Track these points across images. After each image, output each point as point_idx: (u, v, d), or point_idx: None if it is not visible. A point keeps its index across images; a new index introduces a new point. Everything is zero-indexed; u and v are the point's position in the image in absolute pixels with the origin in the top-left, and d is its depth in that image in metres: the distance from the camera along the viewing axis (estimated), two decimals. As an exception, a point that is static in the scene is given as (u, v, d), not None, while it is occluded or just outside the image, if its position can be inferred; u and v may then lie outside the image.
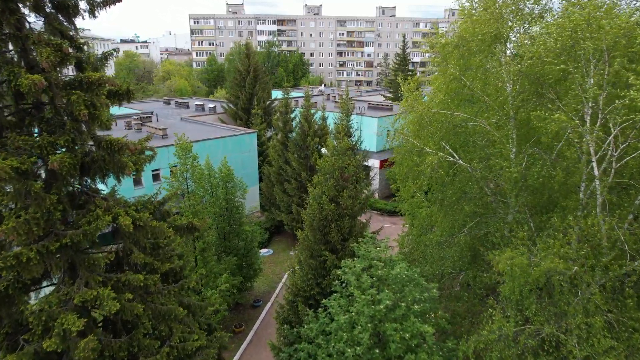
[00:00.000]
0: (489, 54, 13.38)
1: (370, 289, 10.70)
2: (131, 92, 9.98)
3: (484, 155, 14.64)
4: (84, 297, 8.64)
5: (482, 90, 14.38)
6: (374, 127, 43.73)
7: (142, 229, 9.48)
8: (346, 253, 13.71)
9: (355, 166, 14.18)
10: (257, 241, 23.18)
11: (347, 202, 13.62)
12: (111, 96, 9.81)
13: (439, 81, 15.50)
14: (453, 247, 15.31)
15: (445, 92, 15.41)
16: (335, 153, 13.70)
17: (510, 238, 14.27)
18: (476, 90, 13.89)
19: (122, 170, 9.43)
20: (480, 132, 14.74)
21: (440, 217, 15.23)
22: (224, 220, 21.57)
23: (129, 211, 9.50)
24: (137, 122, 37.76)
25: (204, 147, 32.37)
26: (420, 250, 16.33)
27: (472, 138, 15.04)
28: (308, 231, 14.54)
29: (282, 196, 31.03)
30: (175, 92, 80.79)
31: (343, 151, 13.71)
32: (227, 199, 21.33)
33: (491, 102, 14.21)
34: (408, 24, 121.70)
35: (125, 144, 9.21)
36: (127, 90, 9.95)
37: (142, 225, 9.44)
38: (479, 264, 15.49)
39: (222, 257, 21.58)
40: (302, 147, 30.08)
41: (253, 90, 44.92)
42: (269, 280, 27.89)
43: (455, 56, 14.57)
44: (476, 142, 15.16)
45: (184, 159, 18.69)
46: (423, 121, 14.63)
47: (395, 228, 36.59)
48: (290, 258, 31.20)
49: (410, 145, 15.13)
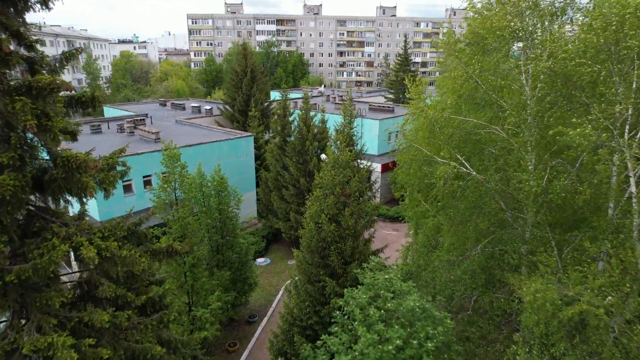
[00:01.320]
0: (506, 53, 11.94)
1: (377, 323, 9.28)
2: (97, 99, 8.54)
3: (499, 165, 13.19)
4: (35, 346, 7.20)
5: (497, 94, 12.94)
6: (375, 130, 42.30)
7: (109, 260, 8.04)
8: (348, 278, 12.27)
9: (359, 180, 12.72)
10: (252, 254, 21.74)
11: (349, 221, 12.17)
12: (72, 104, 8.36)
13: (448, 83, 14.05)
14: (465, 267, 13.86)
15: (457, 95, 13.97)
16: (336, 166, 12.22)
17: (528, 257, 12.86)
18: (491, 94, 12.45)
19: (83, 191, 7.99)
20: (495, 140, 13.30)
21: (450, 233, 13.78)
22: (217, 232, 20.12)
23: (94, 239, 8.06)
24: (130, 125, 36.32)
25: (197, 152, 30.94)
26: (429, 271, 14.88)
27: (486, 146, 13.59)
28: (305, 253, 13.08)
29: (280, 203, 29.59)
30: (172, 93, 79.32)
31: (345, 164, 12.25)
32: (220, 209, 19.89)
33: (507, 106, 12.78)
34: (409, 24, 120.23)
35: (84, 162, 7.75)
36: (92, 97, 8.51)
37: (110, 255, 8.00)
38: (494, 286, 14.05)
39: (215, 272, 20.13)
40: (300, 152, 28.64)
41: (250, 92, 43.47)
42: (266, 293, 26.44)
43: (468, 55, 13.13)
44: (490, 151, 13.72)
45: (172, 167, 17.25)
46: (434, 127, 13.18)
47: (398, 235, 35.15)
48: (289, 268, 29.78)
49: (419, 154, 13.65)
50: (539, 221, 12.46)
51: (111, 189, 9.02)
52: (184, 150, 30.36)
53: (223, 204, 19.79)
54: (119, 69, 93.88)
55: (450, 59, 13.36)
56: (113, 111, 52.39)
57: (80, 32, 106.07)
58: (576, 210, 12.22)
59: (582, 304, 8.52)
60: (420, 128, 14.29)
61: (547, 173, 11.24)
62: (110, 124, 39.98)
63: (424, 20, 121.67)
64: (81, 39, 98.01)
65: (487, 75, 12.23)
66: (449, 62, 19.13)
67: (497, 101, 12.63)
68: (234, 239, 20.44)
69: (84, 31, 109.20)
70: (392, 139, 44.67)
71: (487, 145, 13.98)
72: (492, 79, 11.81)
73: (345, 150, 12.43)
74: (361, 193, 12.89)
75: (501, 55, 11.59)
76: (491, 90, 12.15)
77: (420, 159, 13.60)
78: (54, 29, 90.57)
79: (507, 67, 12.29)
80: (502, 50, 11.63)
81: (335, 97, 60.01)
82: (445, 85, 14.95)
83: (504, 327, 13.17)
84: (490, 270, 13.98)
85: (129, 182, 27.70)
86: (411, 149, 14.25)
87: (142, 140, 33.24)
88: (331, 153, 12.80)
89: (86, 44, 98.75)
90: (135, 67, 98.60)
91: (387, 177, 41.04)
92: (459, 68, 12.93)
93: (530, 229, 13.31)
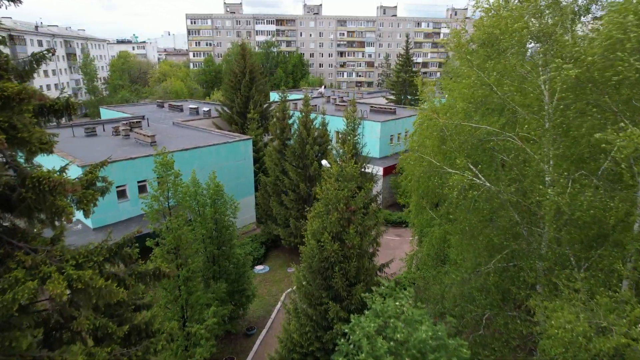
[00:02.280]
0: (523, 56, 10.99)
1: (386, 356, 8.34)
2: (72, 106, 7.57)
3: (513, 175, 12.23)
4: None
5: (513, 98, 11.98)
6: (377, 132, 41.35)
7: (82, 292, 7.08)
8: (353, 302, 11.29)
9: (366, 194, 11.72)
10: (250, 265, 20.77)
11: (354, 240, 11.18)
12: (43, 113, 7.40)
13: (457, 87, 13.08)
14: (477, 284, 12.90)
15: (467, 100, 13.01)
16: (340, 179, 11.22)
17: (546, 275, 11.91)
18: (508, 100, 11.48)
19: (57, 215, 7.03)
20: (510, 149, 12.34)
21: (462, 247, 12.80)
22: (213, 243, 19.16)
23: (66, 268, 7.10)
24: (126, 128, 35.34)
25: (194, 156, 30.01)
26: (437, 286, 13.90)
27: (498, 155, 12.62)
28: (305, 273, 12.10)
29: (279, 209, 28.62)
30: (170, 94, 78.32)
31: (349, 177, 11.25)
32: (215, 218, 18.93)
33: (523, 113, 11.82)
34: (410, 24, 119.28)
35: (60, 184, 6.77)
36: (66, 104, 7.54)
37: (83, 287, 7.03)
38: (509, 305, 13.08)
39: (211, 283, 19.17)
40: (300, 156, 27.68)
41: (249, 93, 42.49)
42: (265, 303, 25.45)
43: (481, 57, 12.17)
44: (504, 160, 12.75)
45: (165, 175, 16.29)
46: (444, 135, 12.20)
47: (401, 241, 34.20)
48: (289, 275, 28.83)
49: (429, 165, 12.65)
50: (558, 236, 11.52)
51: (91, 208, 8.04)
52: (180, 155, 29.50)
53: (219, 213, 18.82)
54: (116, 70, 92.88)
55: (460, 62, 12.39)
56: (110, 113, 51.44)
57: (78, 32, 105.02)
58: (601, 227, 11.25)
59: (618, 336, 7.58)
60: (429, 136, 13.30)
61: (569, 186, 10.28)
62: (105, 126, 39.03)
63: (425, 20, 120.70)
64: (79, 39, 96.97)
65: (502, 80, 11.27)
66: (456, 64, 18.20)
67: (512, 107, 11.66)
68: (230, 250, 19.47)
69: (81, 31, 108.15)
70: (393, 141, 43.80)
71: (499, 153, 13.03)
72: (508, 83, 10.83)
73: (350, 162, 11.42)
74: (367, 206, 11.90)
75: (519, 59, 10.63)
76: (507, 96, 11.18)
77: (430, 170, 12.62)
78: (51, 29, 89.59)
79: (524, 71, 11.32)
80: (519, 52, 10.67)
81: (336, 98, 59.05)
82: (453, 89, 13.98)
83: (520, 351, 12.22)
84: (504, 287, 13.02)
85: (123, 187, 26.75)
86: (420, 160, 13.24)
87: (138, 143, 32.29)
88: (333, 162, 11.79)
89: (84, 44, 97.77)
90: (132, 68, 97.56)
91: (388, 180, 40.11)
92: (471, 71, 11.97)
93: (547, 244, 12.38)
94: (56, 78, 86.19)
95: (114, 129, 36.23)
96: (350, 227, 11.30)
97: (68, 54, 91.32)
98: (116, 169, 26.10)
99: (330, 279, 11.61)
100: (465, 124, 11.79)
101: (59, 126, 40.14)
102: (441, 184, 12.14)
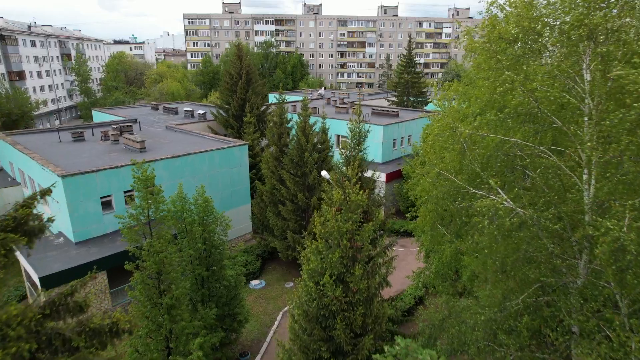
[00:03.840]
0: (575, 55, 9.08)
1: None
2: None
3: (551, 198, 10.34)
4: None
5: (548, 108, 10.11)
6: (379, 136, 39.51)
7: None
8: (359, 357, 9.38)
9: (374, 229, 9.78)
10: (242, 286, 18.88)
11: (359, 284, 9.21)
12: None
13: (483, 93, 11.18)
14: (505, 324, 11.01)
15: (492, 107, 11.14)
16: (345, 209, 9.23)
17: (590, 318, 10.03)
18: (546, 110, 9.60)
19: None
20: (546, 166, 10.45)
21: (489, 283, 10.90)
22: (201, 264, 17.28)
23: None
24: (115, 133, 33.46)
25: (185, 163, 28.15)
26: (454, 321, 12.00)
27: (532, 174, 10.74)
28: (301, 320, 10.12)
29: (276, 220, 26.73)
30: (167, 96, 76.44)
31: (354, 207, 9.27)
32: (204, 237, 17.06)
33: (562, 124, 9.96)
34: (411, 24, 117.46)
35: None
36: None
37: None
38: (541, 348, 11.20)
39: (199, 308, 17.29)
40: (298, 164, 25.81)
41: (245, 96, 40.62)
42: (260, 324, 23.57)
43: (512, 58, 10.29)
44: (535, 178, 10.86)
45: (144, 193, 14.41)
46: (467, 148, 10.28)
47: (405, 252, 32.25)
48: (286, 291, 26.98)
49: (450, 183, 10.66)
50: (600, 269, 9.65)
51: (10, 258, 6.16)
52: (170, 162, 27.63)
53: (207, 232, 16.95)
54: (111, 71, 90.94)
55: (486, 62, 10.48)
56: (102, 115, 49.60)
57: (74, 32, 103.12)
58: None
59: None
60: (448, 148, 11.27)
61: (627, 215, 8.39)
62: (95, 130, 37.18)
63: (426, 20, 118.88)
64: (74, 40, 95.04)
65: (545, 81, 9.37)
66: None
67: (550, 118, 9.79)
68: (220, 271, 17.59)
69: (77, 31, 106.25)
70: (397, 145, 41.92)
71: (529, 169, 11.14)
72: (551, 92, 8.91)
73: (356, 187, 9.43)
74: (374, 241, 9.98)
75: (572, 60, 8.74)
76: (545, 106, 9.30)
77: (452, 190, 10.66)
78: (45, 29, 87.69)
79: (567, 75, 9.44)
80: (572, 52, 8.78)
81: (336, 100, 57.19)
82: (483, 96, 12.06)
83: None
84: (535, 326, 11.13)
85: (108, 198, 24.88)
86: (438, 177, 11.25)
87: (127, 149, 30.42)
88: (335, 182, 9.80)
89: (79, 44, 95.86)
90: (127, 69, 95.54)
91: (392, 186, 38.23)
92: (499, 73, 10.09)
93: (585, 274, 10.54)
94: (50, 79, 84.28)
95: (102, 133, 34.36)
96: (356, 267, 9.32)
97: (63, 54, 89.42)
98: (101, 178, 24.27)
99: (331, 330, 9.66)
100: (493, 135, 9.89)
101: (45, 130, 38.32)
102: (465, 208, 10.21)
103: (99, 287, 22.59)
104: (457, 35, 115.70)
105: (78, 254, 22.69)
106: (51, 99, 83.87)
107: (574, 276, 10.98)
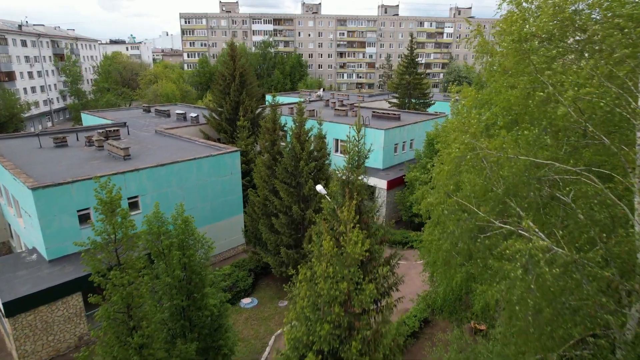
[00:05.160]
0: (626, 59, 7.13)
1: None
2: None
3: (595, 234, 8.33)
4: None
5: (594, 122, 8.11)
6: (380, 141, 37.52)
7: None
8: None
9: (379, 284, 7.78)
10: (227, 314, 16.88)
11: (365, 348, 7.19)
12: None
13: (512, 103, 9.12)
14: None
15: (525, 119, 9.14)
16: (337, 265, 7.15)
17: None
18: (590, 126, 7.61)
19: None
20: (586, 196, 8.43)
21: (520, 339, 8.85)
22: (181, 292, 15.28)
23: None
24: (100, 138, 31.41)
25: (171, 172, 26.12)
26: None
27: (568, 205, 8.72)
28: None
29: (269, 234, 24.74)
30: (161, 98, 74.38)
31: (352, 262, 7.17)
32: (183, 262, 15.04)
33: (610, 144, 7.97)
34: (412, 23, 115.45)
35: None
36: None
37: None
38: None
39: (178, 343, 15.26)
40: (293, 174, 23.81)
41: (239, 98, 38.60)
42: (250, 349, 21.57)
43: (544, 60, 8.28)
44: (575, 211, 8.84)
45: (110, 218, 12.41)
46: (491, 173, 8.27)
47: (408, 266, 30.14)
48: (280, 311, 24.98)
49: (471, 215, 8.58)
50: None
51: None
52: (155, 171, 25.59)
53: (187, 256, 14.94)
54: (103, 72, 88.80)
55: (516, 65, 8.46)
56: (91, 119, 47.56)
57: (67, 32, 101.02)
58: None
59: None
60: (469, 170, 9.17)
61: None
62: (80, 134, 35.10)
63: (427, 20, 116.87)
64: (67, 39, 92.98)
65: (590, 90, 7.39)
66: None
67: (596, 134, 7.80)
68: (202, 300, 15.59)
69: (71, 31, 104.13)
70: (398, 150, 39.91)
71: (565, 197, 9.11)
72: (605, 102, 6.94)
73: (355, 231, 7.27)
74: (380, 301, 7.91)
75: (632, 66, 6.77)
76: (594, 122, 7.31)
77: (473, 224, 8.62)
78: (37, 29, 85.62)
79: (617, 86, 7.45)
80: (633, 54, 6.80)
81: (335, 102, 55.20)
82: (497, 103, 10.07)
83: None
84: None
85: (86, 211, 22.84)
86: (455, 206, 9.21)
87: (110, 157, 28.39)
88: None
89: (72, 44, 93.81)
90: (120, 69, 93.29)
91: (393, 195, 36.21)
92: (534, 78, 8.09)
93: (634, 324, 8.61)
94: (42, 80, 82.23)
95: (86, 139, 32.31)
96: (353, 340, 7.16)
97: (55, 54, 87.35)
98: (78, 190, 22.24)
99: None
100: (524, 157, 7.87)
101: (28, 135, 36.25)
102: (488, 246, 8.17)
103: (73, 311, 20.57)
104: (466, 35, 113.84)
105: (50, 274, 20.67)
106: (43, 101, 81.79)
107: (622, 328, 9.02)
